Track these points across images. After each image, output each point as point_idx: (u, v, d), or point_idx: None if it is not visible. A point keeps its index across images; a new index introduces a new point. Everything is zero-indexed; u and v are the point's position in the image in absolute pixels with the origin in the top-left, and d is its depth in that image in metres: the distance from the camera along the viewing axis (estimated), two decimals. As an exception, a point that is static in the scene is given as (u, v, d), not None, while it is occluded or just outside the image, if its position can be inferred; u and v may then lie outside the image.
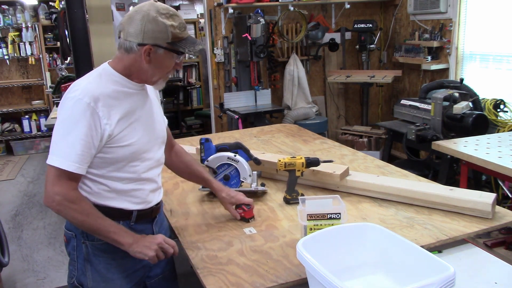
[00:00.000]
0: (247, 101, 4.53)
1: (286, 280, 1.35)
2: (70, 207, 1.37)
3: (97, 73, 1.47)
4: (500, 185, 3.28)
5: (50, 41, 6.65)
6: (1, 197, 4.91)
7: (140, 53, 1.42)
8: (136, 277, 1.59)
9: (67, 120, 1.38)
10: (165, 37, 1.41)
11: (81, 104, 1.36)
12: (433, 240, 1.54)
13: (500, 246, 3.01)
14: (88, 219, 1.39)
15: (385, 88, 5.45)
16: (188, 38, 1.47)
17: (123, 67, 1.46)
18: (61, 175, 1.36)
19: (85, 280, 1.52)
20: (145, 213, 1.57)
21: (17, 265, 3.40)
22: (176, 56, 1.47)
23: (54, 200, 1.36)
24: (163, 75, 1.50)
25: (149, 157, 1.54)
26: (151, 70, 1.45)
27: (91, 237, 1.49)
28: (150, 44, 1.41)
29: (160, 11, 1.41)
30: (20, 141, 6.63)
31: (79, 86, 1.41)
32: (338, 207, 1.48)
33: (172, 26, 1.41)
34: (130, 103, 1.47)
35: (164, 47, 1.42)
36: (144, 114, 1.53)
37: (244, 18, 4.23)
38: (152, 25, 1.40)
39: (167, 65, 1.47)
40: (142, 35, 1.40)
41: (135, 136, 1.47)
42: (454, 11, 4.27)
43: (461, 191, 1.81)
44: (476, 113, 3.23)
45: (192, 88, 7.25)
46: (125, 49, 1.43)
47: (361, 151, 2.88)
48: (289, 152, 2.62)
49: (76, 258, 1.52)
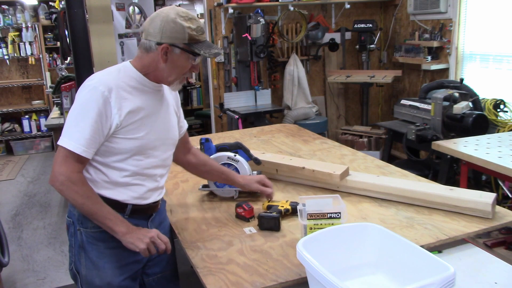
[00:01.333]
0: (247, 101, 4.53)
1: (286, 280, 1.35)
2: (72, 188, 1.43)
3: (117, 68, 1.54)
4: (500, 185, 3.28)
5: (50, 41, 6.65)
6: (1, 197, 4.91)
7: (158, 52, 1.48)
8: (129, 270, 1.60)
9: (81, 105, 1.45)
10: (182, 37, 1.48)
11: (96, 92, 1.43)
12: (433, 240, 1.54)
13: (500, 246, 3.00)
14: (87, 202, 1.44)
15: (385, 88, 5.46)
16: (205, 42, 1.53)
17: (142, 65, 1.53)
18: (68, 157, 1.42)
19: (80, 267, 1.56)
20: (141, 208, 1.60)
21: (17, 265, 3.40)
22: (192, 58, 1.52)
23: (58, 180, 1.42)
24: (178, 76, 1.55)
25: (154, 154, 1.58)
26: (167, 69, 1.51)
27: (85, 224, 1.53)
28: (167, 43, 1.47)
29: (179, 13, 1.49)
30: (20, 141, 6.64)
31: (97, 76, 1.50)
32: (338, 207, 1.48)
33: (189, 28, 1.48)
34: (143, 100, 1.53)
35: (181, 47, 1.49)
36: (156, 113, 1.58)
37: (244, 18, 4.23)
38: (170, 25, 1.47)
39: (183, 65, 1.52)
40: (161, 35, 1.47)
41: (142, 132, 1.52)
42: (454, 11, 4.27)
43: (461, 191, 1.81)
44: (476, 113, 3.23)
45: (192, 88, 7.25)
46: (145, 48, 1.50)
47: (361, 151, 2.88)
48: (289, 152, 2.62)
49: (73, 245, 1.57)
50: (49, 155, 6.46)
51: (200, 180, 2.25)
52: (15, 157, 6.50)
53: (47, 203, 4.65)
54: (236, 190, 2.00)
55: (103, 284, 1.55)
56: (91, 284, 1.55)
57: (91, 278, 1.55)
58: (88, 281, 1.55)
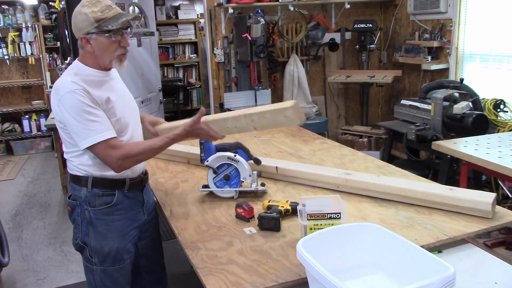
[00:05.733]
0: (247, 101, 4.53)
1: (286, 280, 1.35)
2: (131, 158, 1.68)
3: (72, 71, 1.70)
4: (500, 185, 3.28)
5: (50, 41, 6.65)
6: (1, 197, 4.91)
7: (84, 44, 1.67)
8: (130, 236, 1.85)
9: (76, 110, 1.60)
10: (90, 23, 1.63)
11: (77, 93, 1.60)
12: (433, 240, 1.54)
13: (500, 246, 3.00)
14: (149, 152, 1.72)
15: (385, 88, 5.46)
16: (114, 16, 1.66)
17: (86, 61, 1.72)
18: (105, 146, 1.63)
19: (88, 240, 1.79)
20: (136, 182, 1.84)
21: (17, 265, 3.40)
22: (109, 35, 1.65)
23: (121, 165, 1.66)
24: (113, 56, 1.70)
25: (130, 129, 1.79)
26: (100, 54, 1.69)
27: (92, 204, 1.75)
28: (83, 34, 1.65)
29: (83, 3, 1.65)
30: (20, 141, 6.63)
31: (66, 82, 1.63)
32: (338, 207, 1.48)
33: (93, 12, 1.62)
34: (106, 90, 1.71)
35: (94, 32, 1.64)
36: (120, 95, 1.79)
37: (244, 18, 4.23)
38: (78, 18, 1.65)
39: (108, 45, 1.67)
40: (77, 29, 1.66)
41: (118, 115, 1.72)
42: (454, 11, 4.27)
43: (461, 190, 1.81)
44: (476, 113, 3.23)
45: (192, 88, 7.26)
46: (79, 46, 1.71)
47: (361, 151, 2.88)
48: (289, 152, 2.62)
49: (80, 222, 1.78)
50: (49, 155, 6.46)
51: (200, 180, 2.25)
52: (15, 157, 6.50)
53: (47, 203, 4.65)
54: (236, 190, 2.00)
55: (111, 250, 1.79)
56: (101, 252, 1.78)
57: (100, 247, 1.78)
58: (98, 250, 1.78)
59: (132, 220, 1.84)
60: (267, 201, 1.85)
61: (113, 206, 1.78)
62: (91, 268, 1.82)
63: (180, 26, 7.13)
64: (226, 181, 2.00)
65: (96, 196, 1.75)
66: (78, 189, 1.76)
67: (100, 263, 1.80)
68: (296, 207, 1.62)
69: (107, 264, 1.80)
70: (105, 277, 1.82)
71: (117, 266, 1.82)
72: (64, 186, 4.75)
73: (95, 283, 1.84)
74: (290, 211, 1.77)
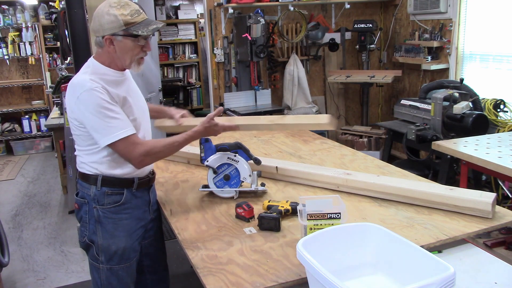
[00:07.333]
0: (247, 101, 4.53)
1: (286, 280, 1.35)
2: (153, 155, 1.73)
3: (91, 70, 1.70)
4: (500, 185, 3.28)
5: (50, 41, 6.64)
6: (1, 197, 4.91)
7: (106, 45, 1.67)
8: (136, 235, 1.86)
9: (96, 107, 1.61)
10: (118, 25, 1.64)
11: (97, 90, 1.62)
12: (433, 240, 1.54)
13: (500, 246, 3.00)
14: (170, 149, 1.77)
15: (385, 88, 5.46)
16: (143, 22, 1.68)
17: (103, 60, 1.72)
18: (127, 142, 1.66)
19: (95, 238, 1.80)
20: (143, 181, 1.85)
21: (17, 265, 3.40)
22: (135, 39, 1.67)
23: (143, 161, 1.70)
24: (133, 59, 1.72)
25: (142, 128, 1.80)
26: (120, 56, 1.70)
27: (101, 202, 1.76)
28: (109, 35, 1.65)
29: (111, 4, 1.65)
30: (20, 141, 6.64)
31: (84, 80, 1.64)
32: (338, 207, 1.48)
33: (122, 15, 1.64)
34: (123, 89, 1.73)
35: (121, 34, 1.65)
36: (135, 96, 1.82)
37: (244, 18, 4.23)
38: (105, 18, 1.64)
39: (131, 48, 1.69)
40: (101, 29, 1.66)
41: (135, 114, 1.74)
42: (454, 11, 4.27)
43: (461, 190, 1.81)
44: (476, 113, 3.23)
45: (192, 88, 7.26)
46: (97, 44, 1.71)
47: (361, 151, 2.88)
48: (289, 152, 2.62)
49: (88, 220, 1.79)
50: (49, 155, 6.46)
51: (200, 180, 2.25)
52: (15, 157, 6.50)
53: (47, 203, 4.65)
54: (236, 190, 2.00)
55: (118, 249, 1.80)
56: (108, 250, 1.80)
57: (107, 246, 1.79)
58: (105, 248, 1.80)
59: (139, 219, 1.86)
60: (267, 201, 1.85)
61: (122, 205, 1.80)
62: (97, 266, 1.83)
63: (180, 26, 7.13)
64: (226, 181, 2.00)
65: (105, 194, 1.76)
66: (87, 187, 1.77)
67: (107, 261, 1.81)
68: (296, 207, 1.62)
69: (113, 262, 1.82)
70: (111, 275, 1.83)
71: (123, 265, 1.84)
72: (64, 186, 4.75)
73: (100, 281, 1.84)
74: (290, 211, 1.77)
